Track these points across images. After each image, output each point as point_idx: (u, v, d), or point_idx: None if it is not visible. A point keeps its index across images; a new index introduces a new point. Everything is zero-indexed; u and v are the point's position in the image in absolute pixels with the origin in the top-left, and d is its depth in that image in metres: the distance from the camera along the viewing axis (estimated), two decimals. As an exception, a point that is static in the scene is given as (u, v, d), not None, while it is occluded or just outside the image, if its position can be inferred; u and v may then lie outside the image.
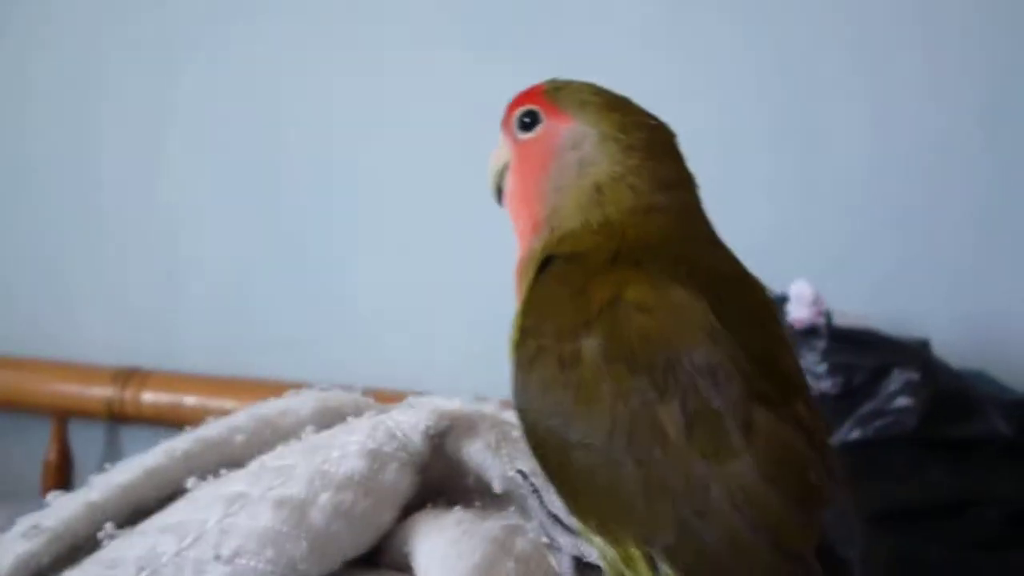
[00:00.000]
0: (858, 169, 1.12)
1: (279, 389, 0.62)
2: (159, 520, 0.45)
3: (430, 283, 1.20)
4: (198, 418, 0.56)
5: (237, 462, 0.50)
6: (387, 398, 0.61)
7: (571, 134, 0.46)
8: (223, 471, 0.49)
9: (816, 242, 1.11)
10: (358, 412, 0.52)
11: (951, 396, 0.94)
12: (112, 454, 1.27)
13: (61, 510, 0.47)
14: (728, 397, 0.38)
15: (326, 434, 0.50)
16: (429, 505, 0.48)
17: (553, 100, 0.47)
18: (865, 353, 0.97)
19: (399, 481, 0.46)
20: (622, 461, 0.38)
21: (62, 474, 1.24)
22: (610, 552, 0.40)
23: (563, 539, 0.43)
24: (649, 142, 0.45)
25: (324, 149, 1.23)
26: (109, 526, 0.46)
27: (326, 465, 0.45)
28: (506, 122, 0.49)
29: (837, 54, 1.11)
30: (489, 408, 0.53)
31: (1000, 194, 1.10)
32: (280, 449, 0.49)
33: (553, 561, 0.43)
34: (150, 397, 1.21)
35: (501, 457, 0.47)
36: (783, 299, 1.00)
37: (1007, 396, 0.98)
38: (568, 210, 0.45)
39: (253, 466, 0.48)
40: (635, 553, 0.39)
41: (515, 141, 0.48)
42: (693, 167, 0.48)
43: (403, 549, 0.46)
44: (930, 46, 1.10)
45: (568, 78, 0.48)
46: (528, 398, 0.42)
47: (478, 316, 0.52)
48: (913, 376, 0.94)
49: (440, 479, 0.49)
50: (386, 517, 0.46)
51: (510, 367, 0.43)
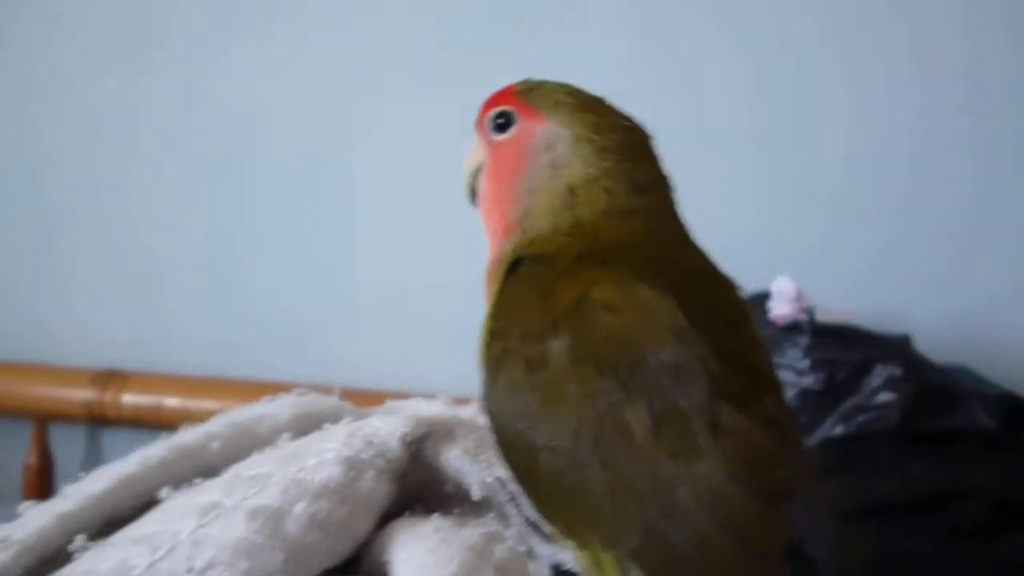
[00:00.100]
0: (839, 165, 1.12)
1: (261, 389, 0.61)
2: (132, 531, 0.44)
3: (413, 284, 1.20)
4: (180, 419, 0.56)
5: (213, 470, 0.49)
6: (368, 398, 0.60)
7: (545, 135, 0.45)
8: (197, 480, 0.48)
9: (798, 238, 1.11)
10: (336, 418, 0.51)
11: (933, 391, 0.95)
12: (93, 457, 1.26)
13: (32, 522, 0.46)
14: (695, 397, 0.37)
15: (302, 441, 0.49)
16: (407, 513, 0.47)
17: (527, 101, 0.46)
18: (847, 349, 0.97)
19: (376, 489, 0.45)
20: (588, 463, 0.38)
21: (43, 477, 1.23)
22: (580, 556, 0.39)
23: (541, 547, 0.43)
24: (623, 144, 0.45)
25: (307, 148, 1.22)
26: (80, 538, 0.45)
27: (302, 473, 0.45)
28: (480, 123, 0.48)
29: (815, 50, 1.11)
30: (467, 413, 0.53)
31: (980, 190, 1.10)
32: (255, 457, 0.48)
33: (532, 569, 0.42)
34: (131, 399, 1.20)
35: (480, 463, 0.47)
36: (765, 296, 1.00)
37: (988, 390, 0.98)
38: (540, 212, 0.44)
39: (227, 475, 0.47)
40: (604, 557, 0.38)
41: (489, 142, 0.47)
42: (672, 166, 0.47)
43: (381, 558, 0.45)
44: (909, 40, 1.10)
45: (542, 78, 0.47)
46: (496, 400, 0.41)
47: (460, 317, 0.52)
48: (895, 371, 0.94)
49: (418, 486, 0.48)
50: (363, 526, 0.45)
51: (480, 370, 0.42)
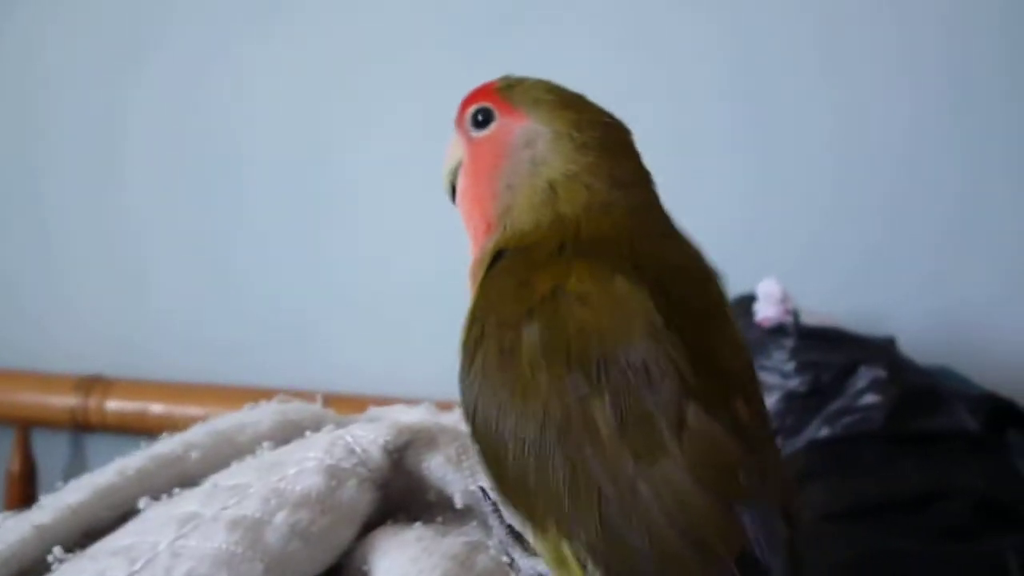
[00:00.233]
0: (825, 167, 1.12)
1: (247, 395, 0.61)
2: (110, 543, 0.44)
3: (398, 289, 1.19)
4: (165, 426, 0.55)
5: (192, 479, 0.48)
6: (351, 404, 0.60)
7: (524, 132, 0.45)
8: (176, 490, 0.48)
9: (784, 241, 1.11)
10: (317, 426, 0.51)
11: (918, 392, 0.95)
12: (77, 464, 1.25)
13: (9, 534, 0.45)
14: (663, 395, 0.37)
15: (283, 450, 0.49)
16: (390, 521, 0.47)
17: (507, 98, 0.46)
18: (832, 351, 0.97)
19: (358, 498, 0.45)
20: (552, 456, 0.38)
21: (26, 484, 1.21)
22: (542, 545, 0.39)
23: (523, 560, 0.42)
24: (604, 140, 0.45)
25: (289, 154, 1.21)
26: (58, 550, 0.45)
27: (282, 483, 0.44)
28: (459, 120, 0.48)
29: (803, 51, 1.11)
30: (450, 420, 0.52)
31: (967, 192, 1.10)
32: (235, 467, 0.48)
33: None
34: (115, 405, 1.19)
35: (462, 471, 0.47)
36: (751, 298, 1.00)
37: (972, 391, 0.98)
38: (521, 208, 0.44)
39: (206, 485, 0.46)
40: (565, 552, 0.38)
41: (468, 139, 0.47)
42: (658, 167, 0.47)
43: (363, 567, 0.45)
44: (898, 42, 1.10)
45: (522, 75, 0.47)
46: (468, 383, 0.41)
47: (445, 323, 0.52)
48: (880, 373, 0.95)
49: (401, 494, 0.48)
50: (345, 535, 0.45)
51: (458, 355, 0.43)
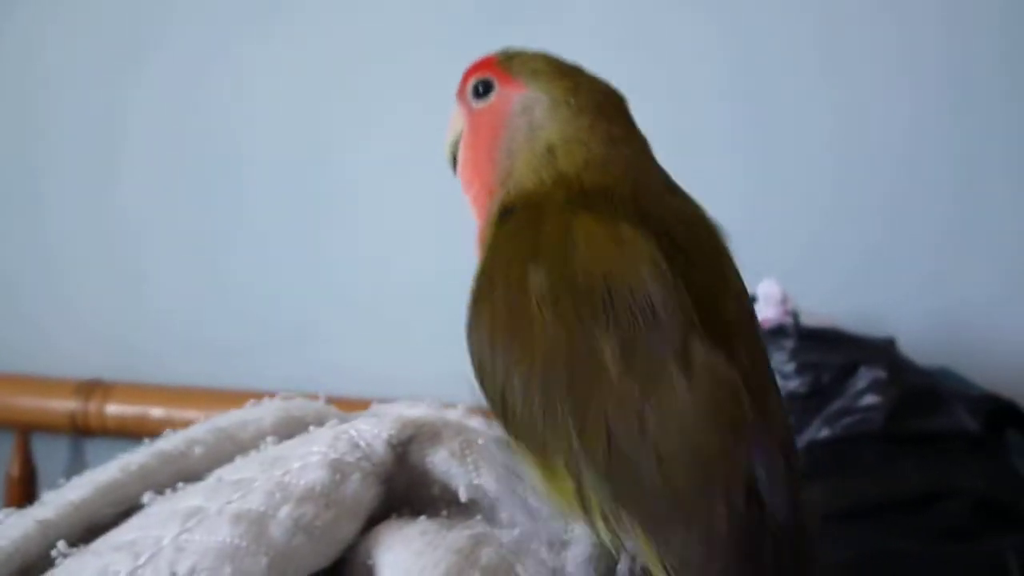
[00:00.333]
0: (824, 166, 1.12)
1: (245, 398, 0.61)
2: (113, 538, 0.44)
3: (398, 290, 1.19)
4: (164, 430, 0.55)
5: (196, 476, 0.48)
6: (353, 406, 0.60)
7: (522, 100, 0.47)
8: (180, 485, 0.48)
9: (782, 240, 1.11)
10: (320, 422, 0.51)
11: (918, 392, 0.95)
12: (77, 468, 1.24)
13: (11, 529, 0.45)
14: (667, 332, 0.38)
15: (286, 445, 0.49)
16: (394, 516, 0.47)
17: (506, 69, 0.48)
18: (832, 352, 0.97)
19: (362, 492, 0.45)
20: (559, 393, 0.38)
21: (26, 489, 1.21)
22: (539, 479, 0.40)
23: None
24: (599, 104, 0.46)
25: (289, 154, 1.21)
26: (62, 544, 0.45)
27: (286, 477, 0.44)
28: (461, 92, 0.49)
29: (802, 50, 1.11)
30: (454, 415, 0.52)
31: (965, 193, 1.11)
32: (239, 461, 0.48)
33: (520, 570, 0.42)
34: (115, 409, 1.19)
35: (466, 465, 0.47)
36: (751, 299, 1.00)
37: (972, 392, 0.99)
38: (521, 172, 0.45)
39: (210, 480, 0.46)
40: (571, 491, 0.39)
41: (469, 110, 0.49)
42: None
43: (367, 562, 0.44)
44: (898, 42, 1.10)
45: (521, 48, 0.49)
46: (477, 334, 0.43)
47: (445, 323, 0.52)
48: (880, 374, 0.95)
49: (405, 489, 0.48)
50: (349, 529, 0.45)
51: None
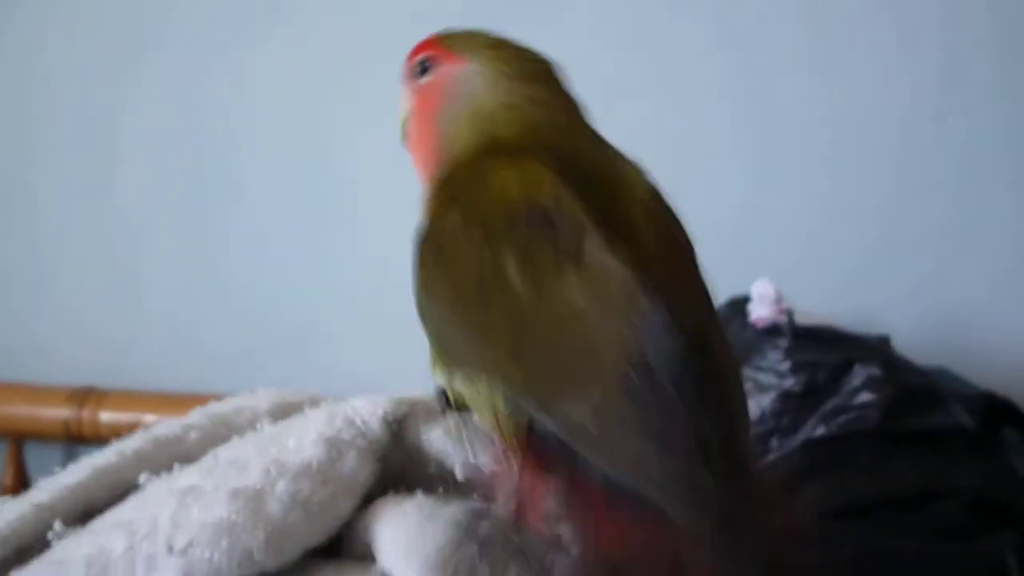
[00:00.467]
0: (821, 167, 1.12)
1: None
2: (110, 517, 0.44)
3: (398, 292, 1.18)
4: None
5: (192, 459, 0.49)
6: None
7: (461, 72, 0.50)
8: (177, 466, 0.48)
9: (779, 240, 1.12)
10: (315, 406, 0.51)
11: (913, 390, 0.95)
12: (70, 477, 1.24)
13: (7, 512, 0.45)
14: (560, 234, 0.41)
15: (282, 424, 0.49)
16: (391, 492, 0.47)
17: (447, 46, 0.51)
18: (827, 350, 0.97)
19: (358, 469, 0.45)
20: (475, 312, 0.42)
21: (18, 498, 1.21)
22: (468, 393, 0.44)
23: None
24: (535, 72, 0.50)
25: (289, 154, 1.21)
26: (58, 524, 0.45)
27: (282, 454, 0.45)
28: (406, 73, 0.52)
29: (800, 51, 1.11)
30: (449, 396, 0.52)
31: (962, 193, 1.11)
32: (235, 441, 0.48)
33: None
34: (108, 416, 1.19)
35: (463, 443, 0.47)
36: (745, 299, 1.01)
37: (968, 390, 0.99)
38: (461, 140, 0.48)
39: (207, 459, 0.47)
40: (497, 405, 0.41)
41: (414, 88, 0.51)
42: (654, 167, 0.50)
43: (365, 537, 0.45)
44: (895, 41, 1.10)
45: (462, 27, 0.52)
46: (416, 281, 0.46)
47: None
48: (875, 372, 0.95)
49: (401, 467, 0.48)
50: (346, 506, 0.45)
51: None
